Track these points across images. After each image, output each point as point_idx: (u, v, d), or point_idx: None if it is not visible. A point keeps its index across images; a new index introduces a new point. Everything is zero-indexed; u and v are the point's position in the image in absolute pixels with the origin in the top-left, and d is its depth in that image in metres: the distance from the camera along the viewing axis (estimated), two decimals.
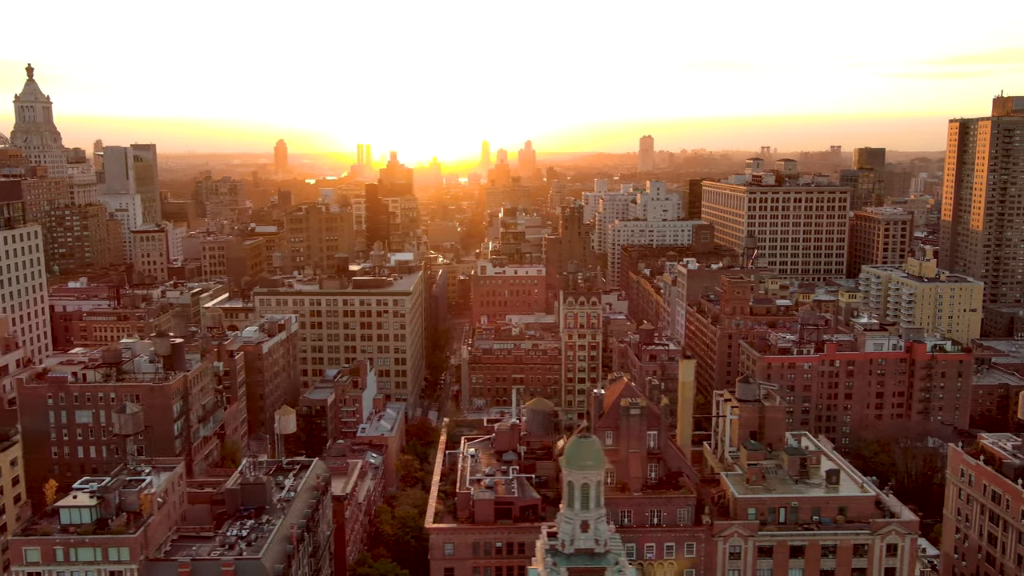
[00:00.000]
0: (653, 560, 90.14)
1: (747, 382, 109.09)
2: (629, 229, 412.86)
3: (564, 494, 65.19)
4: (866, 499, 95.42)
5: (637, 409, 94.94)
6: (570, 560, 61.71)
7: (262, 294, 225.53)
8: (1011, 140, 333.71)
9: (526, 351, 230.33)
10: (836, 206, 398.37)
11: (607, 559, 61.66)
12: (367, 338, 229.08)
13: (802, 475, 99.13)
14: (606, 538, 63.65)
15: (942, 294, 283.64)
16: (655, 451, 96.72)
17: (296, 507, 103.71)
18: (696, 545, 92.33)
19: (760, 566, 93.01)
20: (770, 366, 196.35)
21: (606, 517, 64.79)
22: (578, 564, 61.08)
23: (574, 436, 70.98)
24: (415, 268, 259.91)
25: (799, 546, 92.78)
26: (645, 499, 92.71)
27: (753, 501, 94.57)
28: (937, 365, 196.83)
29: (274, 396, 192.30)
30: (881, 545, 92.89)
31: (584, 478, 63.61)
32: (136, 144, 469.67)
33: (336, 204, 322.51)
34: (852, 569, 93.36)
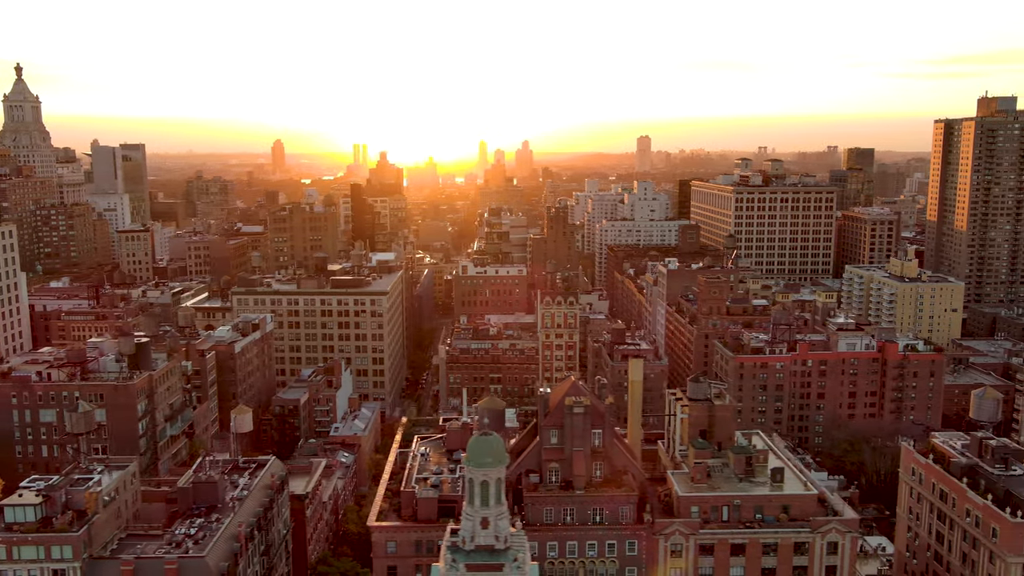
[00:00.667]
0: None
1: (697, 381, 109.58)
2: (616, 229, 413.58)
3: (465, 491, 65.84)
4: (809, 497, 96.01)
5: (581, 408, 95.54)
6: (469, 556, 62.31)
7: (240, 294, 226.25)
8: (994, 140, 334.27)
9: (503, 351, 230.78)
10: (823, 206, 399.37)
11: (507, 555, 62.25)
12: (345, 338, 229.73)
13: (747, 473, 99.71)
14: (507, 535, 64.23)
15: (923, 294, 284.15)
16: (600, 449, 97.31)
17: (247, 506, 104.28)
18: (637, 543, 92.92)
19: (702, 564, 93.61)
20: (742, 366, 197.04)
21: (508, 514, 65.36)
22: (477, 560, 61.67)
23: (475, 434, 71.54)
24: (395, 268, 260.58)
25: (740, 544, 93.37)
26: (587, 497, 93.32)
27: (696, 499, 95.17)
28: (909, 365, 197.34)
29: (248, 396, 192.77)
30: (822, 543, 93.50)
31: (484, 475, 64.15)
32: (125, 144, 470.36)
33: (321, 204, 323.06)
34: (793, 567, 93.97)
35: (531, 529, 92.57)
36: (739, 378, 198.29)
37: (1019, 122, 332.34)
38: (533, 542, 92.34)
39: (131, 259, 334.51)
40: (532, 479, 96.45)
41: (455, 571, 60.38)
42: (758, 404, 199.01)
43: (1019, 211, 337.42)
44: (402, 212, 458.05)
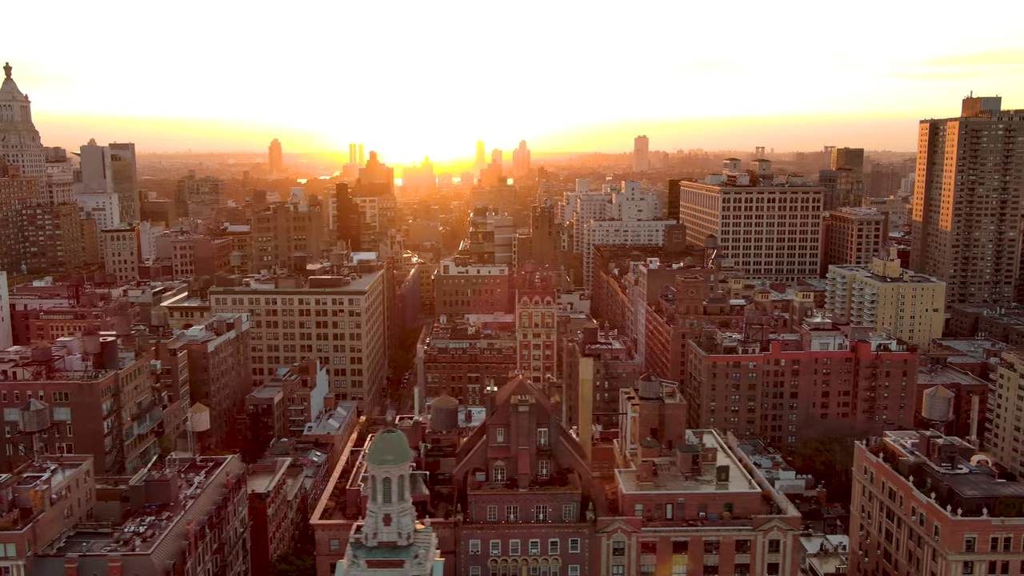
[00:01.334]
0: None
1: (649, 380, 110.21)
2: (604, 229, 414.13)
3: (369, 488, 66.43)
4: (752, 495, 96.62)
5: (526, 406, 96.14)
6: (371, 553, 62.89)
7: (218, 293, 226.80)
8: (978, 141, 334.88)
9: (481, 350, 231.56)
10: (810, 206, 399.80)
11: (408, 552, 62.83)
12: (323, 337, 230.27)
13: (694, 472, 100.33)
14: (410, 531, 64.83)
15: (904, 294, 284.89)
16: (545, 448, 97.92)
17: (199, 504, 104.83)
18: (580, 541, 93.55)
19: (644, 562, 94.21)
20: (715, 365, 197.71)
21: (412, 511, 65.95)
22: (378, 556, 62.24)
23: (380, 431, 72.10)
24: (376, 268, 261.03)
25: (683, 542, 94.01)
26: (530, 495, 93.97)
27: (640, 497, 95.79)
28: (881, 364, 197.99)
29: (221, 395, 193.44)
30: (763, 541, 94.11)
31: (385, 472, 64.76)
32: (115, 143, 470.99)
33: (305, 204, 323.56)
34: (736, 564, 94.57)
35: (474, 527, 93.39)
36: (712, 377, 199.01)
37: (1003, 122, 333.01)
38: (476, 540, 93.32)
39: (116, 259, 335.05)
40: (478, 477, 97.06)
41: (356, 567, 60.95)
42: (731, 403, 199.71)
43: (1003, 211, 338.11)
44: (391, 212, 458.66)
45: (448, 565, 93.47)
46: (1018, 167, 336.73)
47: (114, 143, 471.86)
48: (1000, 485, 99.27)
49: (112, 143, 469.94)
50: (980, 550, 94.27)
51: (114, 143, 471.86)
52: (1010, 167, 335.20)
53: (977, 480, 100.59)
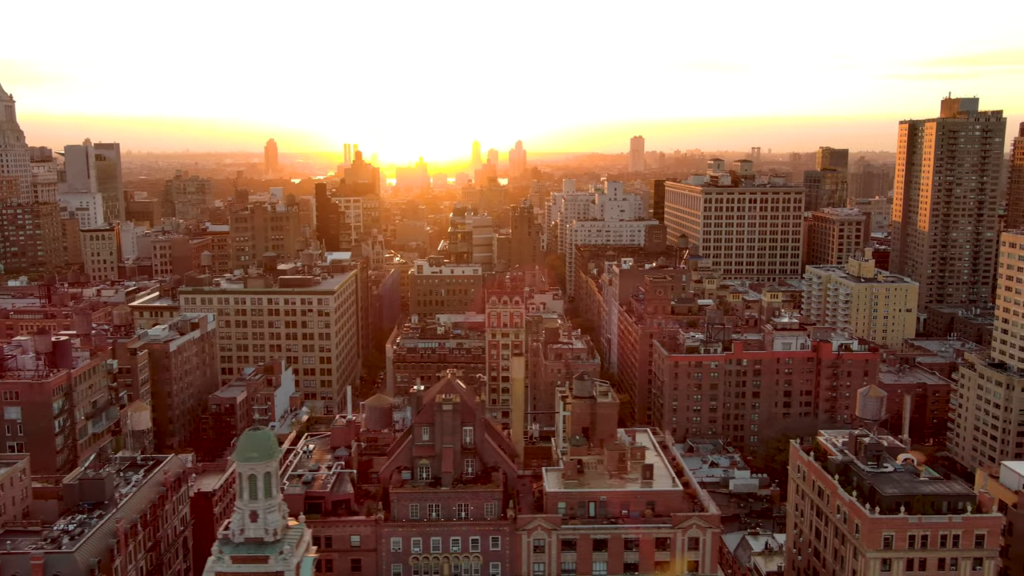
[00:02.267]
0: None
1: (582, 379, 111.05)
2: (586, 229, 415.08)
3: (237, 485, 67.28)
4: (675, 493, 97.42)
5: (450, 405, 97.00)
6: (237, 549, 63.72)
7: (187, 293, 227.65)
8: (956, 141, 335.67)
9: (450, 350, 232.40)
10: (791, 206, 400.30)
11: (274, 548, 63.63)
12: (292, 337, 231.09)
13: (620, 470, 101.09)
14: (276, 528, 65.63)
15: (877, 294, 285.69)
16: (470, 446, 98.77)
17: (133, 502, 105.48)
18: (501, 539, 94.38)
19: (565, 559, 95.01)
20: (677, 365, 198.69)
21: (280, 507, 66.75)
22: (243, 552, 63.05)
23: (247, 429, 72.94)
24: (349, 268, 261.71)
25: (602, 539, 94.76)
26: (452, 493, 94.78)
27: (563, 495, 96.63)
28: (843, 364, 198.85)
29: (185, 394, 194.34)
30: (683, 538, 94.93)
31: (251, 469, 65.60)
32: (99, 143, 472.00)
33: (283, 203, 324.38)
34: (656, 562, 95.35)
35: (395, 525, 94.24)
36: (674, 377, 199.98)
37: (980, 123, 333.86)
38: (398, 538, 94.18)
39: (95, 258, 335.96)
40: (404, 475, 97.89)
41: (221, 562, 61.82)
42: (693, 403, 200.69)
43: (980, 212, 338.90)
44: (376, 212, 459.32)
45: (370, 563, 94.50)
46: (995, 168, 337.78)
47: (99, 143, 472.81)
48: (921, 483, 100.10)
49: (97, 143, 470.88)
50: (898, 547, 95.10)
51: (99, 143, 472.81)
52: (987, 168, 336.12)
53: (900, 479, 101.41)
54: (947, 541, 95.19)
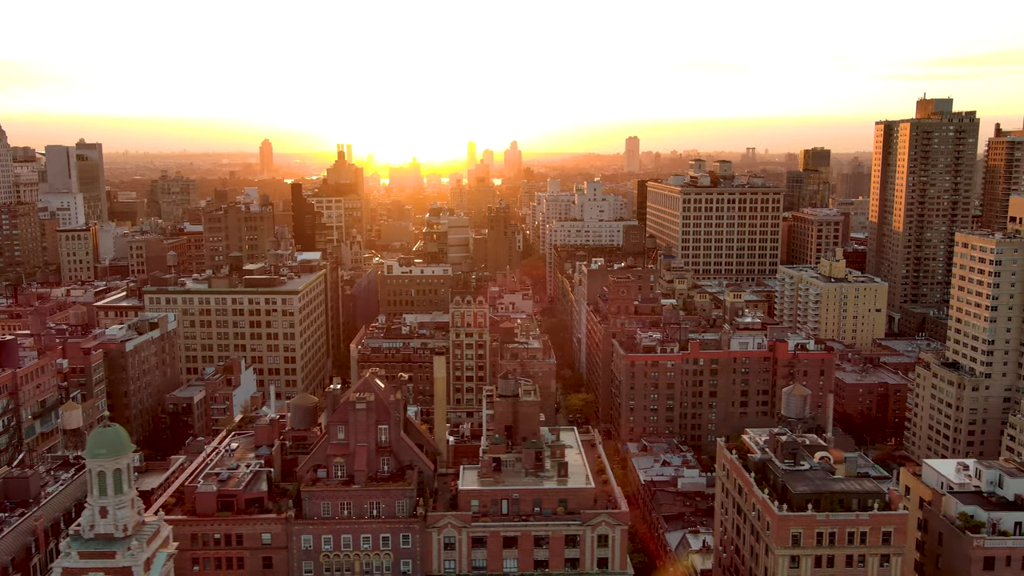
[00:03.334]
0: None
1: (506, 378, 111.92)
2: (566, 230, 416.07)
3: (88, 482, 68.11)
4: (587, 491, 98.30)
5: (363, 404, 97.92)
6: (85, 544, 64.56)
7: (151, 293, 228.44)
8: (930, 142, 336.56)
9: (415, 350, 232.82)
10: (770, 207, 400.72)
11: (122, 544, 64.50)
12: (256, 336, 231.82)
13: (537, 468, 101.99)
14: (127, 523, 66.49)
15: (847, 294, 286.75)
16: (385, 445, 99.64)
17: (56, 501, 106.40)
18: (411, 536, 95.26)
19: (475, 556, 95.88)
20: (633, 364, 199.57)
21: (132, 504, 67.57)
22: (91, 548, 63.92)
23: (96, 426, 73.80)
24: (317, 267, 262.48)
25: (513, 536, 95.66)
26: (363, 491, 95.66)
27: (476, 493, 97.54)
28: (799, 364, 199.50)
29: (143, 394, 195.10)
30: (592, 535, 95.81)
31: (100, 466, 66.46)
32: (81, 143, 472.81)
33: (257, 203, 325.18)
34: (565, 559, 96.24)
35: (306, 523, 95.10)
36: (631, 376, 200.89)
37: (953, 124, 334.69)
38: (308, 535, 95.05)
39: (71, 258, 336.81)
40: (320, 474, 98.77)
41: (68, 558, 62.69)
42: (650, 402, 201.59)
43: (954, 212, 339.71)
44: (358, 212, 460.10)
45: (281, 560, 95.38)
46: (968, 169, 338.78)
47: (81, 143, 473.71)
48: (833, 481, 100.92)
49: (80, 143, 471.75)
50: (806, 544, 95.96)
51: (81, 143, 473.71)
52: (961, 168, 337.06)
53: (814, 476, 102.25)
54: (855, 538, 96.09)
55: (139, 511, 68.71)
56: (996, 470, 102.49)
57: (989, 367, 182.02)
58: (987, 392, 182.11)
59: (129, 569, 62.90)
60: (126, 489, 67.51)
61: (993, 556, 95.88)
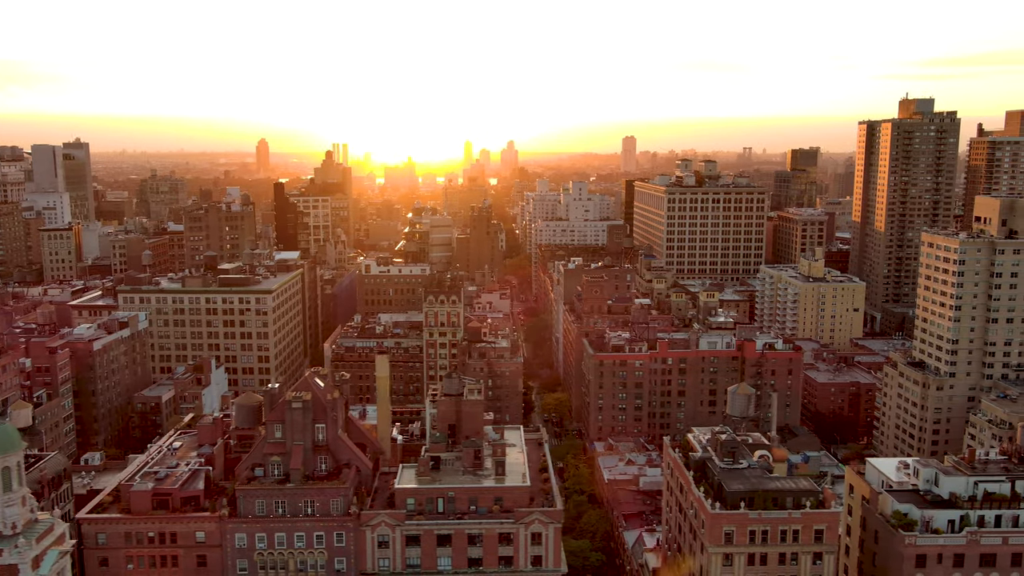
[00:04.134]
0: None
1: (450, 377, 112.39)
2: (551, 229, 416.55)
3: None
4: (522, 489, 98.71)
5: (299, 403, 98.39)
6: None
7: (125, 292, 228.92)
8: (911, 142, 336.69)
9: (388, 349, 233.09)
10: (754, 206, 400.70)
11: (8, 542, 64.87)
12: (230, 335, 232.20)
13: (476, 466, 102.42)
14: (16, 521, 66.89)
15: (825, 294, 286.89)
16: (322, 444, 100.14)
17: None
18: (345, 534, 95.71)
19: (409, 554, 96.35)
20: (602, 363, 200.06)
21: (24, 501, 67.98)
22: None
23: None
24: (294, 267, 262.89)
25: (446, 535, 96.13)
26: (297, 490, 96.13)
27: (411, 491, 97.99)
28: (767, 363, 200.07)
29: (111, 393, 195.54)
30: (526, 533, 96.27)
31: None
32: (68, 143, 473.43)
33: (239, 203, 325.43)
34: (500, 557, 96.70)
35: (240, 521, 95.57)
36: (599, 376, 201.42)
37: (935, 124, 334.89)
38: (242, 534, 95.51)
39: (54, 257, 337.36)
40: (257, 472, 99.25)
41: None
42: (618, 401, 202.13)
43: (935, 212, 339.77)
44: (345, 211, 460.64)
45: (215, 558, 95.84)
46: (950, 168, 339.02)
47: (68, 142, 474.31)
48: (770, 480, 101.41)
49: (66, 142, 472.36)
50: (739, 542, 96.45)
51: (68, 142, 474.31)
52: (942, 168, 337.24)
53: (750, 475, 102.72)
54: (787, 536, 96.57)
55: (31, 508, 69.15)
56: (932, 468, 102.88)
57: (953, 366, 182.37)
58: (951, 391, 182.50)
59: (16, 567, 63.37)
60: (15, 487, 67.97)
61: (925, 554, 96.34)
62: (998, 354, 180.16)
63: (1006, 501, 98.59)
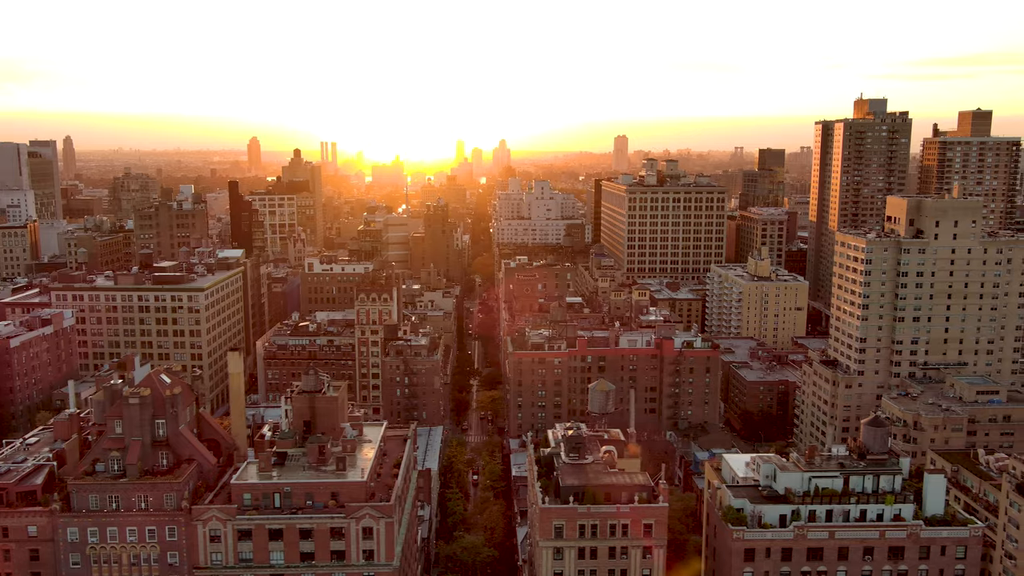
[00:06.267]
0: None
1: (308, 374, 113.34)
2: (513, 228, 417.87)
3: None
4: (358, 485, 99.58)
5: (136, 400, 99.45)
6: None
7: (57, 289, 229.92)
8: (863, 142, 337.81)
9: (320, 347, 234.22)
10: (715, 206, 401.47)
11: None
12: (163, 333, 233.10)
13: (320, 462, 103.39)
14: None
15: (768, 293, 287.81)
16: (162, 439, 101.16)
17: None
18: (177, 529, 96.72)
19: (242, 549, 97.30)
20: (521, 361, 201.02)
21: None
22: None
23: None
24: (235, 264, 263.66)
25: (278, 529, 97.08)
26: (129, 485, 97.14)
27: (248, 487, 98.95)
28: (685, 361, 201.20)
29: (30, 390, 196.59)
30: (357, 528, 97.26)
31: None
32: (35, 140, 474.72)
33: (190, 201, 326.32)
34: (331, 551, 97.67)
35: (72, 515, 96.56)
36: (519, 373, 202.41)
37: (886, 124, 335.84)
38: (74, 528, 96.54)
39: (8, 255, 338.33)
40: (98, 467, 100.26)
41: None
42: (538, 398, 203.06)
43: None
44: (311, 210, 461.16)
45: (48, 553, 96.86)
46: (902, 168, 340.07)
47: (35, 140, 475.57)
48: (606, 475, 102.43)
49: (33, 140, 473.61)
50: (569, 536, 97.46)
51: (35, 140, 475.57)
52: (894, 168, 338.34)
53: (591, 470, 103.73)
54: (616, 530, 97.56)
55: None
56: (772, 465, 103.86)
57: (862, 364, 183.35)
58: (860, 389, 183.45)
59: None
60: None
61: (753, 548, 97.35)
62: (905, 352, 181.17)
63: (837, 496, 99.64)
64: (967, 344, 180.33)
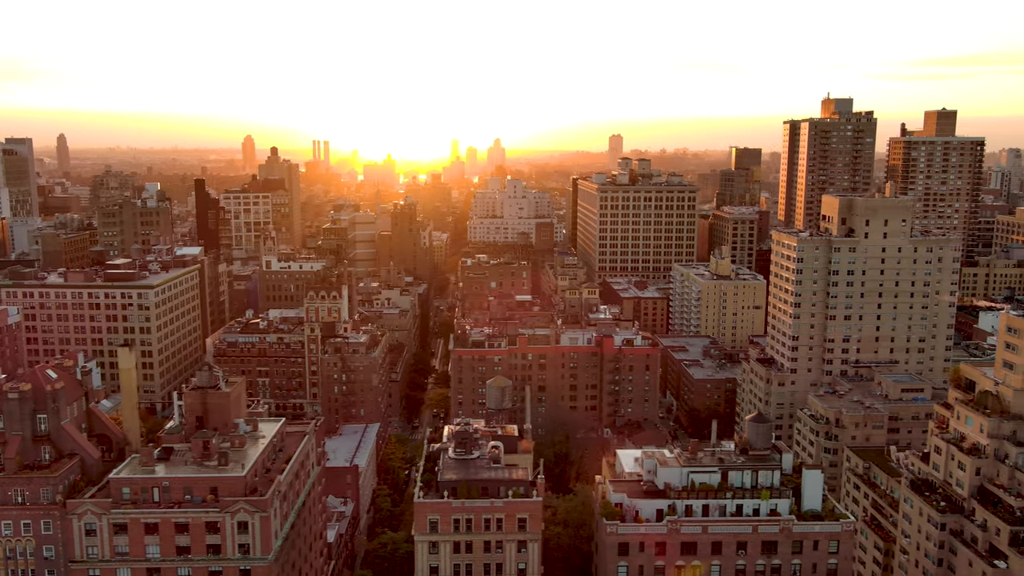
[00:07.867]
0: None
1: (202, 370, 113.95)
2: (485, 226, 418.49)
3: None
4: (236, 480, 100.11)
5: (16, 394, 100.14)
6: None
7: (7, 286, 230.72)
8: (828, 141, 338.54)
9: (271, 344, 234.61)
10: (685, 205, 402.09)
11: None
12: (113, 331, 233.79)
13: (204, 457, 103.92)
14: None
15: (726, 292, 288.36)
16: (44, 434, 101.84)
17: None
18: (52, 523, 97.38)
19: (117, 543, 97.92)
20: (461, 359, 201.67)
21: None
22: None
23: None
24: (191, 262, 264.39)
25: (154, 523, 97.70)
26: (6, 479, 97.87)
27: (126, 481, 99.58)
28: (624, 359, 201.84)
29: None
30: (232, 522, 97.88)
31: None
32: (10, 138, 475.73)
33: (155, 199, 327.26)
34: (208, 545, 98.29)
35: None
36: (459, 371, 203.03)
37: (851, 124, 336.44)
38: None
39: None
40: None
41: None
42: (479, 396, 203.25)
43: None
44: (286, 208, 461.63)
45: None
46: (867, 168, 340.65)
47: (10, 137, 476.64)
48: (487, 470, 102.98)
49: (8, 137, 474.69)
50: (444, 531, 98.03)
51: (10, 137, 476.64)
52: (859, 167, 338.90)
53: (474, 465, 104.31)
54: (491, 524, 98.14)
55: None
56: (653, 460, 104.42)
57: (795, 362, 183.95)
58: (792, 387, 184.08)
59: None
60: None
61: (627, 542, 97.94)
62: (837, 350, 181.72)
63: (713, 491, 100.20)
64: (898, 342, 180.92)
